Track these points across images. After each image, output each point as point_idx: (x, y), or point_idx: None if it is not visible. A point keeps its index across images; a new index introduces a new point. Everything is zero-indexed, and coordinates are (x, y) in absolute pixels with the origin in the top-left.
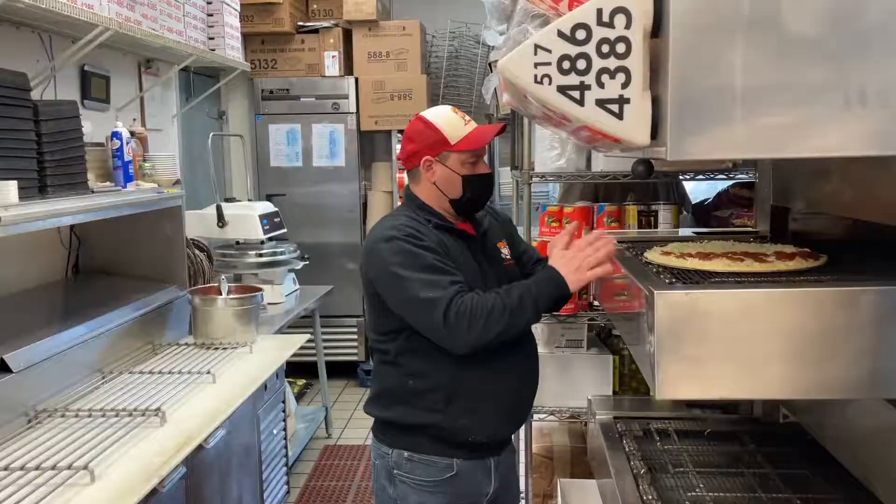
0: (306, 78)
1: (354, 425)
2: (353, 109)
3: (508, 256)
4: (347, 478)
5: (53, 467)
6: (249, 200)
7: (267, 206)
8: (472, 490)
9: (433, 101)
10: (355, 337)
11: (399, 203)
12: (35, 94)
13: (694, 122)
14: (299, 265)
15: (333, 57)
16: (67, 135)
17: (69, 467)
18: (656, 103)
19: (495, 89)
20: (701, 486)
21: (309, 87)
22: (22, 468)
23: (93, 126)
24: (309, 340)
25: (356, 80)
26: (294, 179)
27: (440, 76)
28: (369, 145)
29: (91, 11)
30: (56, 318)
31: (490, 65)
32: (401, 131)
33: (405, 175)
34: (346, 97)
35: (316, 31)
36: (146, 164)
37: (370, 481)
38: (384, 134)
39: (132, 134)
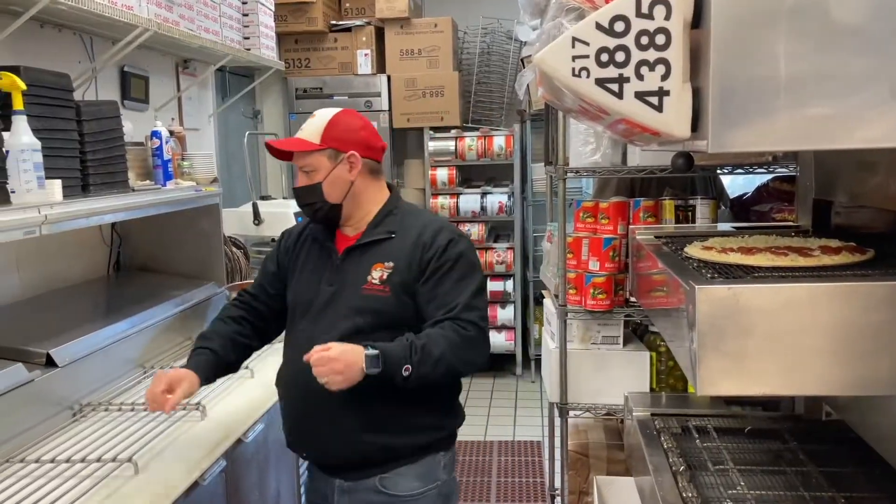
0: (339, 76)
1: None
2: (386, 107)
3: (377, 282)
4: None
5: (98, 459)
6: (284, 198)
7: None
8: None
9: (465, 97)
10: None
11: (431, 200)
12: (77, 95)
13: (736, 114)
14: None
15: (366, 55)
16: (109, 134)
17: (113, 459)
18: (697, 95)
19: (528, 85)
20: (742, 484)
21: (342, 86)
22: (68, 461)
23: (133, 126)
24: None
25: (388, 77)
26: None
27: (472, 73)
28: (401, 143)
29: (131, 12)
30: (99, 314)
31: (522, 60)
32: (433, 128)
33: (437, 173)
34: (379, 95)
35: (349, 29)
36: (185, 163)
37: None
38: (416, 131)
39: (171, 133)
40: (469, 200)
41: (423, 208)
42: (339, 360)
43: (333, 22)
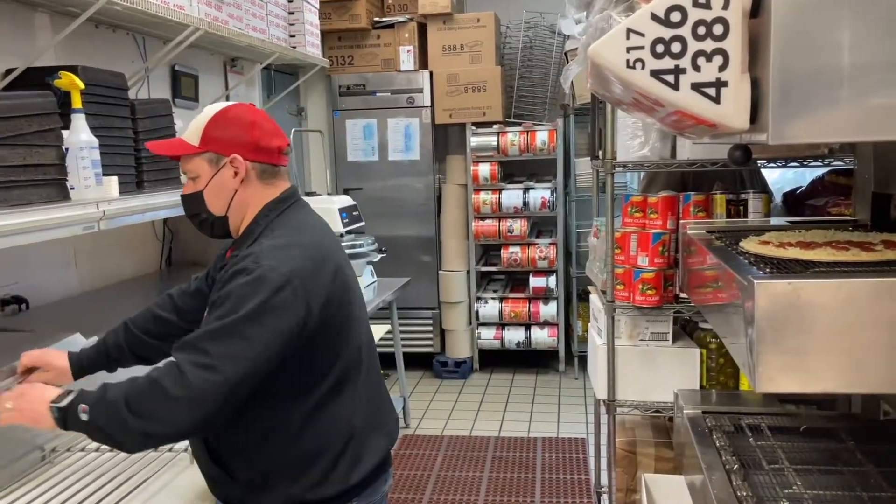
0: (382, 73)
1: (431, 416)
2: (428, 103)
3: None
4: (427, 467)
5: (155, 448)
6: (328, 194)
7: (346, 200)
8: None
9: (507, 92)
10: (431, 329)
11: (473, 196)
12: (130, 94)
13: (797, 105)
14: (377, 257)
15: (408, 51)
16: (161, 132)
17: (170, 449)
18: (756, 86)
19: (572, 79)
20: (798, 483)
21: (384, 82)
22: None
23: (183, 123)
24: (387, 332)
25: (430, 73)
26: (370, 173)
27: (514, 67)
28: (443, 138)
29: (182, 12)
30: None
31: (566, 54)
32: (475, 124)
33: (478, 168)
34: (421, 91)
35: (391, 26)
36: None
37: (449, 471)
38: (458, 127)
39: None
40: (511, 196)
41: (299, 221)
42: (29, 391)
43: (376, 19)
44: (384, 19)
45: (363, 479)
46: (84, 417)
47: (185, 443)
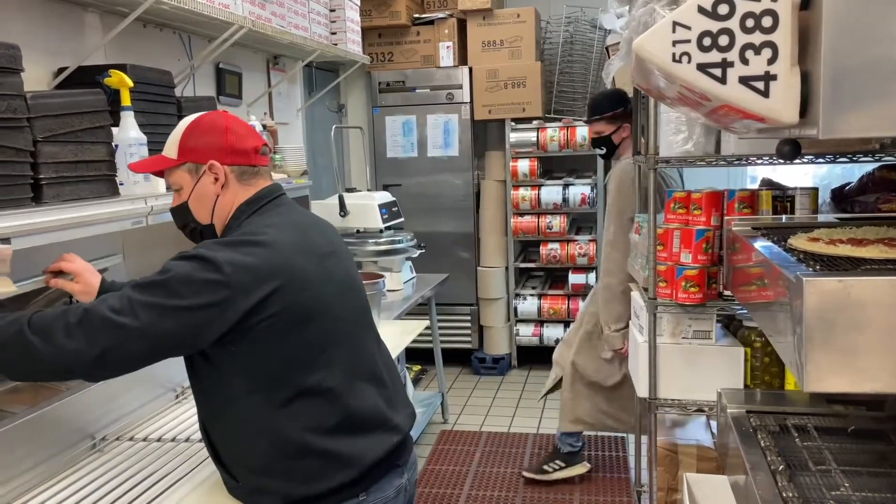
0: (421, 69)
1: (469, 412)
2: (467, 99)
3: None
4: (465, 462)
5: (201, 440)
6: (368, 190)
7: (385, 196)
8: None
9: (547, 88)
10: (469, 325)
11: (512, 192)
12: (176, 92)
13: (849, 98)
14: (416, 253)
15: (448, 47)
16: None
17: None
18: (806, 79)
19: (614, 74)
20: (846, 485)
21: (424, 79)
22: (173, 440)
23: None
24: (426, 328)
25: (470, 69)
26: (409, 170)
27: (554, 63)
28: (482, 134)
29: (227, 11)
30: None
31: (607, 49)
32: (514, 120)
33: (518, 164)
34: (460, 87)
35: (431, 22)
36: (276, 157)
37: (487, 466)
38: (497, 123)
39: (264, 127)
40: (550, 192)
41: (266, 223)
42: None
43: (416, 15)
44: (424, 16)
45: (364, 475)
46: None
47: None
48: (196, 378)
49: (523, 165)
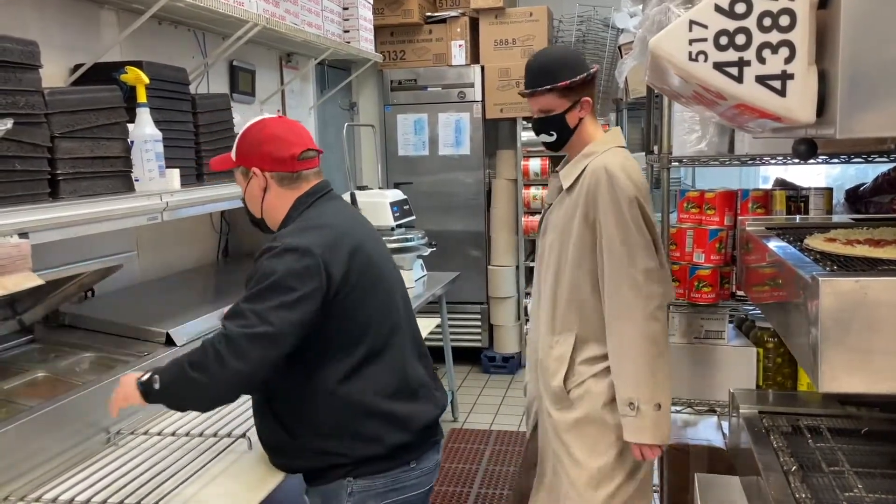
0: (433, 68)
1: (479, 410)
2: (479, 98)
3: None
4: (475, 461)
5: (214, 434)
6: (379, 189)
7: (397, 194)
8: None
9: None
10: (479, 323)
11: (524, 190)
12: (191, 89)
13: (867, 97)
14: (427, 251)
15: (460, 46)
16: (221, 126)
17: (228, 435)
18: (823, 78)
19: (627, 74)
20: (859, 486)
21: (435, 77)
22: (187, 434)
23: (240, 118)
24: (436, 326)
25: (482, 68)
26: (420, 168)
27: None
28: (494, 133)
29: (242, 8)
30: (211, 297)
31: (620, 48)
32: (526, 118)
33: (529, 163)
34: (472, 86)
35: (443, 20)
36: None
37: (497, 465)
38: (509, 121)
39: None
40: None
41: (322, 210)
42: (124, 380)
43: (428, 14)
44: (436, 14)
45: (415, 441)
46: (156, 386)
47: (243, 429)
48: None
49: (535, 164)
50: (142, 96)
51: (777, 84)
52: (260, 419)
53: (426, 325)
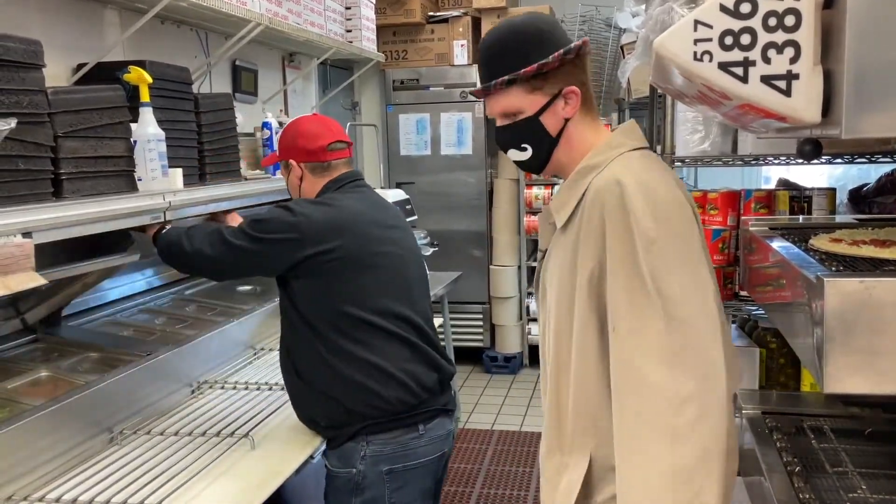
0: (435, 67)
1: (481, 410)
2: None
3: None
4: (476, 461)
5: (217, 434)
6: (382, 188)
7: (399, 194)
8: None
9: None
10: (481, 323)
11: (525, 190)
12: (193, 88)
13: (873, 97)
14: (429, 251)
15: (462, 46)
16: (223, 126)
17: (231, 435)
18: (828, 78)
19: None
20: (863, 487)
21: (438, 77)
22: (190, 434)
23: (243, 117)
24: (438, 325)
25: None
26: (422, 168)
27: None
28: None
29: (245, 8)
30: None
31: (622, 48)
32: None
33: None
34: (474, 85)
35: (445, 20)
36: None
37: (499, 465)
38: None
39: (280, 124)
40: None
41: (345, 193)
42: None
43: (430, 13)
44: (438, 14)
45: (422, 402)
46: (163, 233)
47: (246, 429)
48: (289, 325)
49: None
50: (145, 96)
51: (782, 84)
52: (285, 373)
53: None
